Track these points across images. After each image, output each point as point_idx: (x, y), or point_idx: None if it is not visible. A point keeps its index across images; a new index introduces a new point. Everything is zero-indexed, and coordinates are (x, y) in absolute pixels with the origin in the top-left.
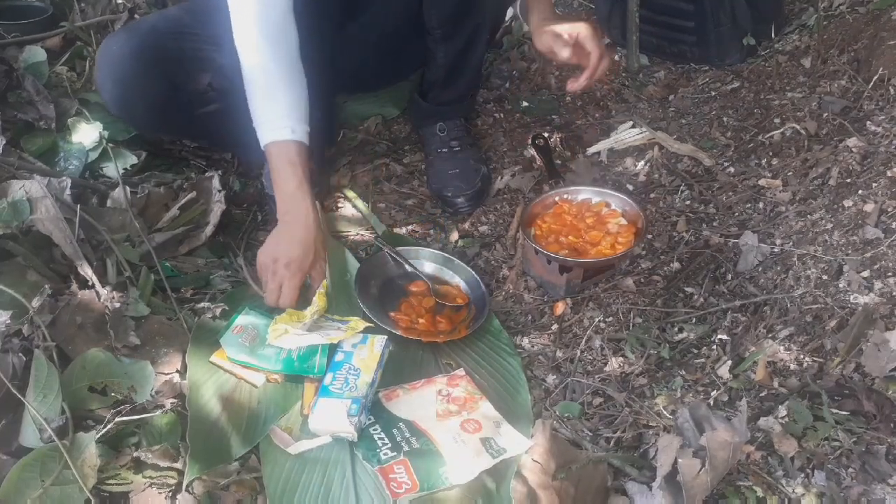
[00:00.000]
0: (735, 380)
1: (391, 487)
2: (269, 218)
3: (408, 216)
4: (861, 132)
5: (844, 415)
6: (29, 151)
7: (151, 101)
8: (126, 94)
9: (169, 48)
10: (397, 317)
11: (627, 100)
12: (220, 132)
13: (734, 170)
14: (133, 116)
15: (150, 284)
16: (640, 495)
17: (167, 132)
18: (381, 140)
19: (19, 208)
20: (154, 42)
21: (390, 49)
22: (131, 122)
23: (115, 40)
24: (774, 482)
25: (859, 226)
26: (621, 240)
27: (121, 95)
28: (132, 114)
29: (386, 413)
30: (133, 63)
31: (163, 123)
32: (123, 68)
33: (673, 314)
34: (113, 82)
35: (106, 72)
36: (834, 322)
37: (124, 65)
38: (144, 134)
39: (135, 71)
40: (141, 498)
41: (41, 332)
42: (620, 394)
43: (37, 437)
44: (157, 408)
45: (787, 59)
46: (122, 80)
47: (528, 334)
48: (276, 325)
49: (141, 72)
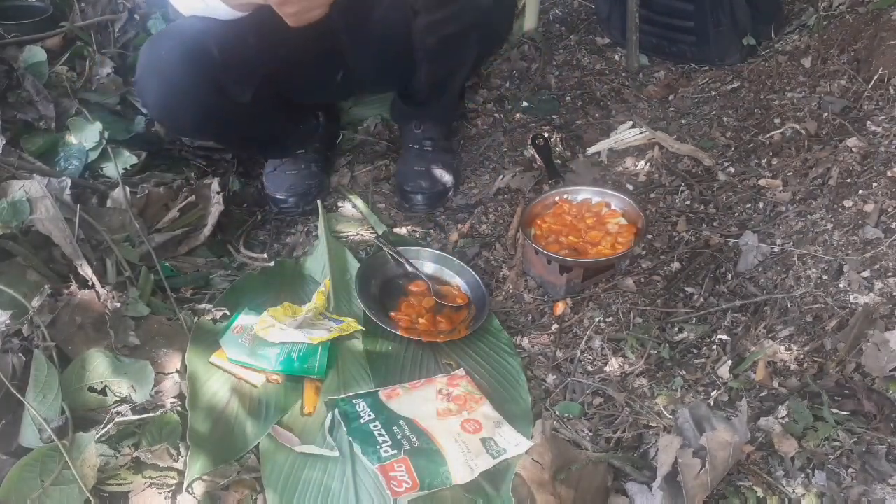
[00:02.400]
0: (735, 380)
1: (391, 486)
2: (269, 217)
3: (408, 216)
4: (861, 132)
5: (845, 415)
6: (29, 151)
7: (198, 107)
8: (171, 102)
9: (217, 54)
10: (397, 316)
11: (627, 100)
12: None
13: (734, 170)
14: (177, 122)
15: (150, 284)
16: (640, 495)
17: (205, 136)
18: (381, 140)
19: (19, 208)
20: (202, 48)
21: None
22: (174, 129)
23: (160, 44)
24: (774, 482)
25: (859, 226)
26: (621, 240)
27: (166, 102)
28: (176, 121)
29: (387, 410)
30: (181, 69)
31: (205, 128)
32: (170, 74)
33: (673, 314)
34: (158, 88)
35: (150, 77)
36: (834, 322)
37: (170, 70)
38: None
39: (182, 78)
40: (141, 498)
41: (41, 332)
42: (620, 394)
43: (36, 437)
44: (157, 408)
45: (787, 59)
46: (167, 87)
47: (528, 334)
48: (265, 317)
49: (188, 79)
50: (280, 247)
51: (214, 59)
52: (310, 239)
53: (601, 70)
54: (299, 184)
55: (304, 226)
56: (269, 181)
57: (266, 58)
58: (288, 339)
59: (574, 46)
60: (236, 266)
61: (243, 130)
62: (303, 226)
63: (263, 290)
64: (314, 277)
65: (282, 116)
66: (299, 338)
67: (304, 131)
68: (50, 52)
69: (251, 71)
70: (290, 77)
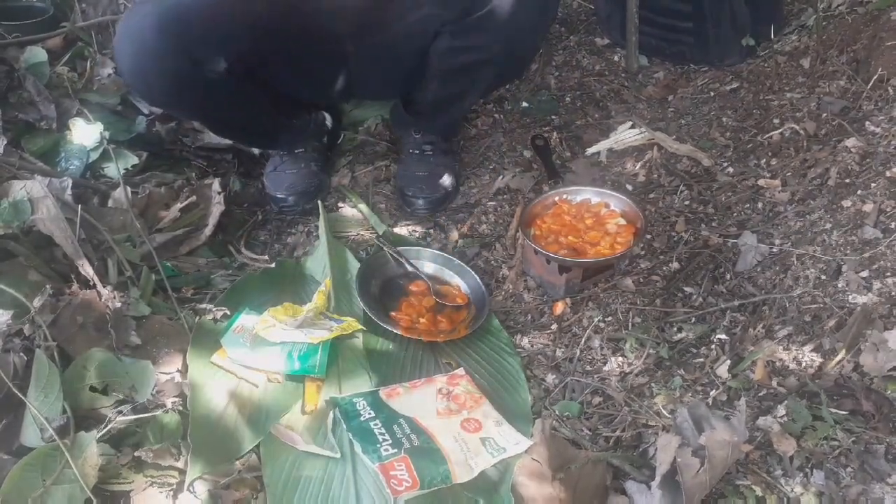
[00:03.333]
0: (734, 379)
1: (391, 485)
2: (270, 218)
3: (408, 216)
4: (860, 132)
5: (843, 414)
6: (30, 152)
7: (169, 75)
8: (143, 66)
9: (193, 24)
10: (398, 316)
11: (627, 100)
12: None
13: (733, 170)
14: (148, 89)
15: (151, 284)
16: (640, 494)
17: (178, 109)
18: (382, 140)
19: (20, 208)
20: (178, 16)
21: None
22: (145, 96)
23: (139, 9)
24: (773, 481)
25: (858, 226)
26: (620, 240)
27: (138, 67)
28: (147, 87)
29: (387, 409)
30: (154, 35)
31: (177, 100)
32: (143, 39)
33: (672, 314)
34: (132, 52)
35: (125, 41)
36: (833, 322)
37: (144, 35)
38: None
39: (155, 43)
40: (142, 497)
41: (42, 331)
42: (620, 393)
43: (38, 436)
44: (158, 407)
45: (787, 59)
46: (140, 52)
47: (527, 334)
48: (266, 316)
49: (161, 45)
50: (281, 247)
51: (190, 24)
52: (310, 239)
53: (601, 71)
54: (299, 183)
55: (305, 226)
56: (270, 180)
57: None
58: (289, 338)
59: (574, 47)
60: (237, 266)
61: (223, 111)
62: (303, 226)
63: (264, 290)
64: (315, 277)
65: (267, 105)
66: (300, 337)
67: (298, 127)
68: (51, 53)
69: (226, 41)
70: (279, 66)
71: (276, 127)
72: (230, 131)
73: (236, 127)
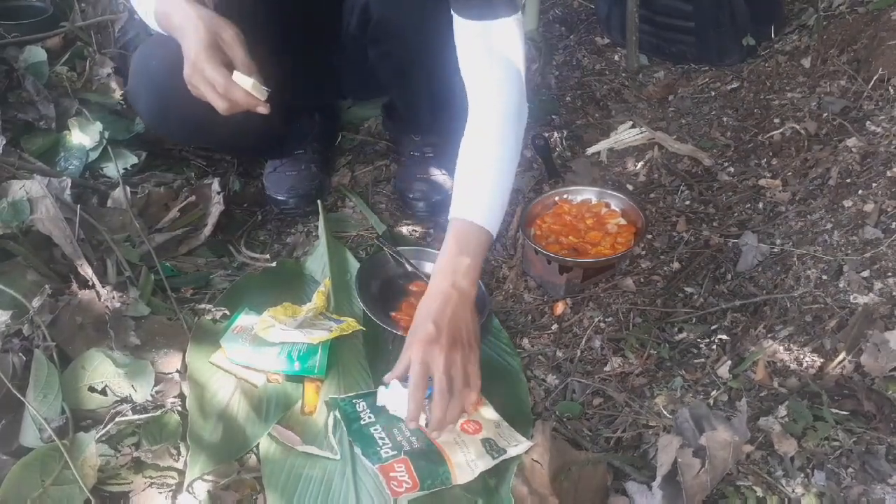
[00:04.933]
0: (735, 380)
1: (391, 486)
2: (269, 217)
3: (408, 216)
4: (861, 132)
5: (844, 415)
6: (29, 151)
7: (188, 118)
8: (162, 111)
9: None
10: (398, 316)
11: (627, 100)
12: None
13: (734, 170)
14: (169, 131)
15: (150, 284)
16: (640, 495)
17: (202, 144)
18: (381, 140)
19: (19, 208)
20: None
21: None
22: (167, 136)
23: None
24: (774, 482)
25: (859, 226)
26: (621, 240)
27: (157, 111)
28: (168, 129)
29: (387, 412)
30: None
31: (199, 137)
32: (161, 84)
33: (673, 314)
34: (148, 97)
35: (140, 86)
36: (834, 322)
37: (162, 80)
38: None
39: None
40: (141, 498)
41: (41, 331)
42: (620, 394)
43: (37, 436)
44: (158, 408)
45: (787, 59)
46: (158, 96)
47: (528, 334)
48: (265, 316)
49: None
50: (280, 247)
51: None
52: (310, 239)
53: (601, 70)
54: (300, 185)
55: (305, 226)
56: (270, 182)
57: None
58: (288, 338)
59: (574, 46)
60: (237, 266)
61: (237, 137)
62: (303, 226)
63: (264, 290)
64: (314, 277)
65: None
66: (299, 338)
67: (298, 131)
68: (50, 52)
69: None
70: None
71: (280, 137)
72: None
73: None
